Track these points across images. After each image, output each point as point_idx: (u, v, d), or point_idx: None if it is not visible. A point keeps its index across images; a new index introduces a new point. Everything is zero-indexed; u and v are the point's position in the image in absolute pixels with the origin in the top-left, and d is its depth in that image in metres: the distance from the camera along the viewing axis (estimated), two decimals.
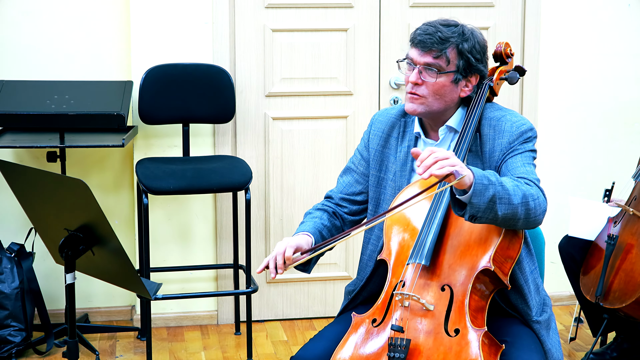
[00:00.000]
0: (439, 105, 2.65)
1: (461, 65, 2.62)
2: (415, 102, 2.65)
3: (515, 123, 2.64)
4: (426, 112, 2.66)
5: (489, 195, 2.36)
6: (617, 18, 4.59)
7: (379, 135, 2.79)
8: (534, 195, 2.46)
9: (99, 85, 4.18)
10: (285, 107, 4.43)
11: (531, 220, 2.47)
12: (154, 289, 2.75)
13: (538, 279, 2.72)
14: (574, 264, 3.85)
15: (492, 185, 2.38)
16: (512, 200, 2.41)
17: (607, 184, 4.16)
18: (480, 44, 2.66)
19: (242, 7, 4.32)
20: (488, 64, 2.71)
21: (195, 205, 4.41)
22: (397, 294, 2.50)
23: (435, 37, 2.60)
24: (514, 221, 2.45)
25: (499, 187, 2.39)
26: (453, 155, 2.36)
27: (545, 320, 2.68)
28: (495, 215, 2.40)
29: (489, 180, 2.38)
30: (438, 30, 2.61)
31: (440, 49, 2.60)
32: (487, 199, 2.36)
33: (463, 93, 2.67)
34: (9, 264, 4.02)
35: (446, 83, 2.63)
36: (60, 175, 2.68)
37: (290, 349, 4.22)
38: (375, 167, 2.79)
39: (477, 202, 2.36)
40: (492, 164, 2.62)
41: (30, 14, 4.26)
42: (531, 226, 2.50)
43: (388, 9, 4.42)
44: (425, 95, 2.63)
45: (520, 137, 2.62)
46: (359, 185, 2.81)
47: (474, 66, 2.64)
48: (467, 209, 2.38)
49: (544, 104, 4.59)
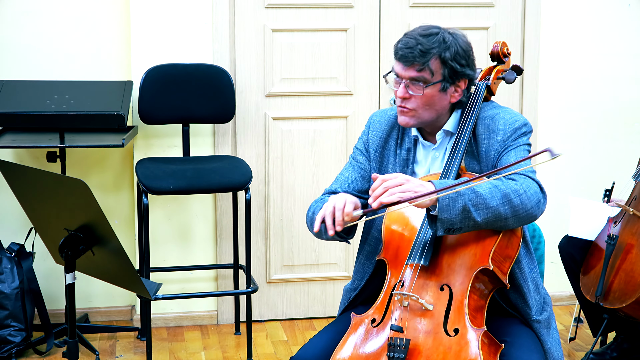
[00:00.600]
0: (431, 115, 2.65)
1: (447, 74, 2.61)
2: (406, 116, 2.65)
3: (508, 120, 2.63)
4: (419, 123, 2.66)
5: (458, 207, 2.38)
6: (617, 18, 4.59)
7: (378, 135, 2.79)
8: (518, 191, 2.44)
9: (99, 85, 4.19)
10: (285, 107, 4.43)
11: (523, 215, 2.46)
12: (154, 289, 2.75)
13: (538, 278, 2.72)
14: (574, 263, 3.85)
15: (461, 197, 2.39)
16: (489, 203, 2.41)
17: (607, 184, 4.16)
18: (462, 48, 2.62)
19: (242, 7, 4.33)
20: (475, 65, 2.68)
21: (195, 205, 4.41)
22: (396, 294, 2.50)
23: (417, 51, 2.58)
24: (503, 221, 2.45)
25: (471, 194, 2.40)
26: (408, 181, 2.38)
27: (545, 320, 2.68)
28: (475, 222, 2.41)
29: (456, 192, 2.38)
30: (418, 42, 2.59)
31: (422, 62, 2.58)
32: (457, 211, 2.38)
33: (453, 99, 2.66)
34: (9, 264, 4.02)
35: (434, 93, 2.62)
36: (60, 175, 2.68)
37: (290, 349, 4.22)
38: (375, 168, 2.78)
39: (447, 216, 2.38)
40: (488, 163, 2.62)
41: (30, 14, 4.26)
42: (526, 221, 2.49)
43: (388, 9, 4.42)
44: (415, 108, 2.63)
45: (514, 133, 2.61)
46: (365, 182, 2.77)
47: (460, 72, 2.62)
48: (438, 224, 2.40)
49: (544, 103, 4.59)
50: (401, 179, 2.40)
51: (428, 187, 2.41)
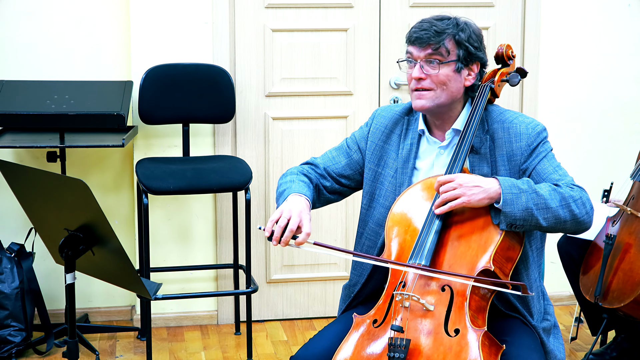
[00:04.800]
0: (446, 97, 2.66)
1: (461, 55, 2.65)
2: (422, 98, 2.67)
3: (529, 124, 2.68)
4: (435, 106, 2.67)
5: (522, 202, 2.47)
6: (617, 18, 4.59)
7: (381, 130, 2.79)
8: (574, 196, 2.53)
9: (99, 85, 4.18)
10: (285, 107, 4.43)
11: (580, 220, 2.54)
12: (154, 289, 2.76)
13: (543, 287, 2.76)
14: (572, 262, 3.85)
15: (525, 193, 2.48)
16: (550, 204, 2.50)
17: (606, 183, 4.16)
18: (476, 33, 2.69)
19: (242, 7, 4.33)
20: (486, 53, 2.73)
21: (195, 205, 4.41)
22: (398, 294, 2.51)
23: (432, 31, 2.64)
24: (562, 224, 2.53)
25: (532, 194, 2.48)
26: (467, 183, 2.47)
27: (546, 328, 2.69)
28: (537, 221, 2.49)
29: (519, 188, 2.48)
30: (433, 25, 2.66)
31: (438, 41, 2.63)
32: (521, 207, 2.47)
33: (467, 82, 2.68)
34: (9, 264, 4.02)
35: (449, 73, 2.65)
36: (60, 175, 2.68)
37: (290, 349, 4.23)
38: (374, 162, 2.79)
39: (510, 210, 2.46)
40: (512, 167, 2.65)
41: (30, 14, 4.26)
42: (581, 228, 2.58)
43: (388, 9, 4.42)
44: (432, 88, 2.65)
45: (538, 137, 2.66)
46: (349, 170, 2.83)
47: (474, 54, 2.67)
48: (502, 218, 2.48)
49: (544, 104, 4.59)
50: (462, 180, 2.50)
51: (491, 186, 2.49)
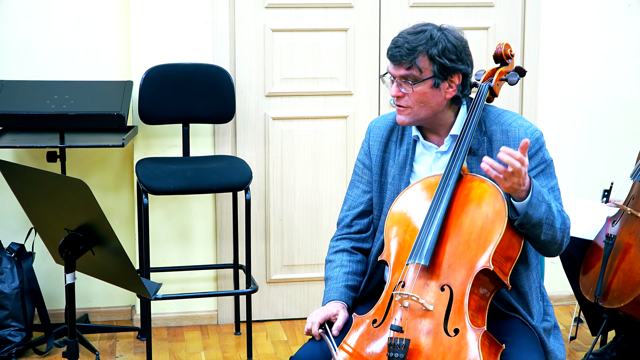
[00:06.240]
0: (426, 112, 2.66)
1: (437, 70, 2.62)
2: (402, 114, 2.68)
3: (528, 129, 2.67)
4: (415, 121, 2.68)
5: (541, 211, 2.49)
6: (617, 18, 4.59)
7: (379, 140, 2.80)
8: (568, 225, 2.60)
9: (99, 85, 4.19)
10: (285, 107, 4.43)
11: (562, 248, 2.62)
12: (154, 289, 2.76)
13: (543, 288, 2.76)
14: (572, 262, 3.85)
15: (545, 204, 2.51)
16: (555, 224, 2.54)
17: (606, 184, 4.16)
18: (452, 44, 2.62)
19: (242, 7, 4.33)
20: (469, 60, 2.68)
21: (195, 205, 4.41)
22: (397, 294, 2.51)
23: (404, 49, 2.62)
24: (550, 245, 2.57)
25: (548, 208, 2.52)
26: (523, 170, 2.45)
27: (547, 328, 2.69)
28: (540, 233, 2.52)
29: (543, 198, 2.51)
30: (406, 41, 2.63)
31: (409, 60, 2.62)
32: (539, 216, 2.49)
33: (448, 94, 2.66)
34: (9, 264, 4.02)
35: (425, 90, 2.63)
36: (60, 175, 2.68)
37: (290, 349, 4.23)
38: (377, 173, 2.80)
39: (533, 213, 2.47)
40: None
41: (31, 14, 4.26)
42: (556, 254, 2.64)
43: (388, 9, 4.42)
44: (410, 105, 2.65)
45: (537, 143, 2.66)
46: (367, 194, 2.83)
47: (450, 67, 2.63)
48: (521, 216, 2.48)
49: (544, 104, 4.59)
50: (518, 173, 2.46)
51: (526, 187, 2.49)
